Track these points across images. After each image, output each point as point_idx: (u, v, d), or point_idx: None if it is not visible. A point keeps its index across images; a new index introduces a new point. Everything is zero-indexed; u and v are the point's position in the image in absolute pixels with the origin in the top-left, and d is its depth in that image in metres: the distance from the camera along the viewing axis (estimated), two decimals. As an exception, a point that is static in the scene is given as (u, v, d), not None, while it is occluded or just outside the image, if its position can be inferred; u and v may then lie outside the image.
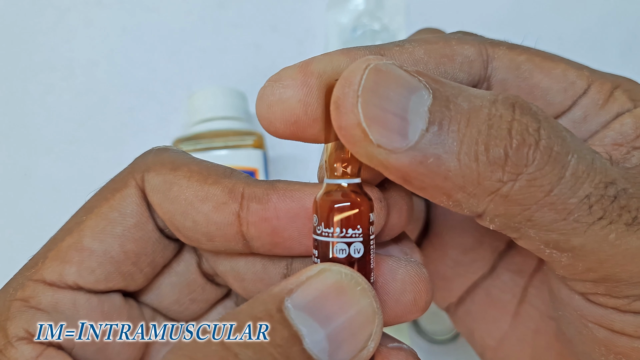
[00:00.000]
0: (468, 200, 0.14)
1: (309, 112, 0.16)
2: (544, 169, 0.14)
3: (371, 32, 0.44)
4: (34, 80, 0.44)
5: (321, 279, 0.15)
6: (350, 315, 0.15)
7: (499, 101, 0.14)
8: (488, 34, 0.19)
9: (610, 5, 0.45)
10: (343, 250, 0.16)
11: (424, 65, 0.17)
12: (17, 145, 0.43)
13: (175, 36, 0.45)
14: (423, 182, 0.14)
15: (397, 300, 0.17)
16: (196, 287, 0.20)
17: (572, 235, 0.14)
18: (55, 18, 0.45)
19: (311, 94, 0.16)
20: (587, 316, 0.17)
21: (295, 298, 0.14)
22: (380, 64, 0.14)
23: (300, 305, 0.14)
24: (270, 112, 0.16)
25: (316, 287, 0.15)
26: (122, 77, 0.44)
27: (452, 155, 0.14)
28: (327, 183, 0.16)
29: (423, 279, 0.17)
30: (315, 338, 0.14)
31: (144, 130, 0.43)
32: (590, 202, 0.14)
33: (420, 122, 0.14)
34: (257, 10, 0.45)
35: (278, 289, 0.15)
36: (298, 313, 0.14)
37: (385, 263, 0.17)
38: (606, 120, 0.17)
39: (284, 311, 0.14)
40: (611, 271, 0.15)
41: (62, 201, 0.42)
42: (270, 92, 0.16)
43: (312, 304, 0.14)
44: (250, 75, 0.44)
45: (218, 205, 0.17)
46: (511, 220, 0.15)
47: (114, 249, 0.17)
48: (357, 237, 0.16)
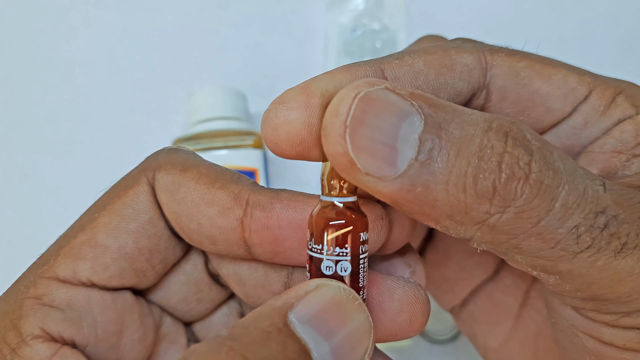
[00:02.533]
0: (455, 227, 0.15)
1: (314, 133, 0.16)
2: (532, 202, 0.14)
3: (371, 32, 0.44)
4: (34, 80, 0.44)
5: (320, 294, 0.15)
6: (350, 330, 0.15)
7: (492, 130, 0.14)
8: (488, 33, 0.19)
9: (610, 5, 0.45)
10: (329, 268, 0.16)
11: (424, 77, 0.17)
12: (17, 145, 0.43)
13: (175, 36, 0.45)
14: (411, 208, 0.14)
15: (393, 320, 0.17)
16: (203, 287, 0.20)
17: (559, 262, 0.14)
18: (55, 18, 0.45)
19: (314, 115, 0.16)
20: (578, 326, 0.17)
21: (297, 312, 0.14)
22: (371, 91, 0.14)
23: (304, 319, 0.14)
24: (275, 134, 0.16)
25: (317, 302, 0.15)
26: (122, 77, 0.44)
27: (440, 186, 0.14)
28: (322, 200, 0.16)
29: (420, 301, 0.17)
30: (322, 352, 0.14)
31: (144, 130, 0.43)
32: (578, 232, 0.14)
33: (410, 151, 0.14)
34: (257, 10, 0.45)
35: (280, 302, 0.15)
36: (303, 327, 0.14)
37: (384, 282, 0.17)
38: (607, 127, 0.17)
39: (290, 325, 0.14)
40: (599, 292, 0.15)
41: (62, 201, 0.42)
42: (274, 115, 0.16)
43: (315, 319, 0.14)
44: (250, 75, 0.44)
45: (223, 210, 0.17)
46: (498, 246, 0.15)
47: (128, 245, 0.18)
48: (344, 256, 0.16)
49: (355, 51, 0.44)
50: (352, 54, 0.44)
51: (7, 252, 0.41)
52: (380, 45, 0.44)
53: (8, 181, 0.42)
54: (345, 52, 0.44)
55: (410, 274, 0.19)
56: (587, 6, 0.45)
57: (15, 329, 0.16)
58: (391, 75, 0.17)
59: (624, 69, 0.44)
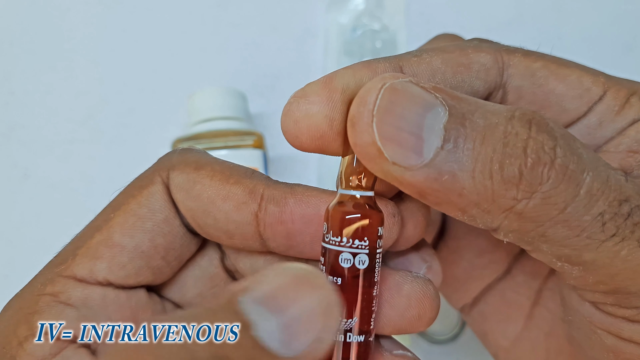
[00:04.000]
0: (482, 216, 0.15)
1: (334, 127, 0.16)
2: (558, 187, 0.14)
3: (371, 32, 0.44)
4: (34, 80, 0.44)
5: (279, 274, 0.14)
6: (306, 305, 0.14)
7: (515, 118, 0.14)
8: (488, 33, 0.19)
9: (610, 5, 0.45)
10: (348, 260, 0.16)
11: (441, 74, 0.17)
12: (17, 145, 0.43)
13: (175, 36, 0.45)
14: (438, 197, 0.14)
15: (402, 315, 0.17)
16: (219, 281, 0.20)
17: (584, 250, 0.15)
18: (55, 18, 0.45)
19: (336, 109, 0.16)
20: (596, 323, 0.17)
21: (251, 293, 0.14)
22: (396, 83, 0.14)
23: (255, 298, 0.13)
24: (296, 127, 0.16)
25: (273, 282, 0.14)
26: (122, 77, 0.44)
27: (466, 173, 0.14)
28: (340, 193, 0.17)
29: (429, 296, 0.17)
30: (267, 327, 0.13)
31: (144, 130, 0.43)
32: (603, 220, 0.14)
33: (436, 140, 0.14)
34: (257, 10, 0.45)
35: (238, 286, 0.14)
36: (252, 305, 0.13)
37: (392, 277, 0.18)
38: (622, 127, 0.17)
39: (238, 304, 0.13)
40: (622, 284, 0.15)
41: (62, 201, 0.42)
42: (296, 107, 0.16)
43: (267, 297, 0.14)
44: (250, 75, 0.44)
45: (238, 205, 0.17)
46: (525, 235, 0.15)
47: (145, 243, 0.18)
48: (363, 249, 0.16)
49: (355, 51, 0.44)
50: (352, 54, 0.44)
51: (7, 252, 0.41)
52: (380, 45, 0.44)
53: (8, 181, 0.42)
54: (345, 52, 0.44)
55: (426, 269, 0.19)
56: (588, 6, 0.45)
57: (28, 323, 0.16)
58: (409, 72, 0.17)
59: (624, 70, 0.44)
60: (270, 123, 0.43)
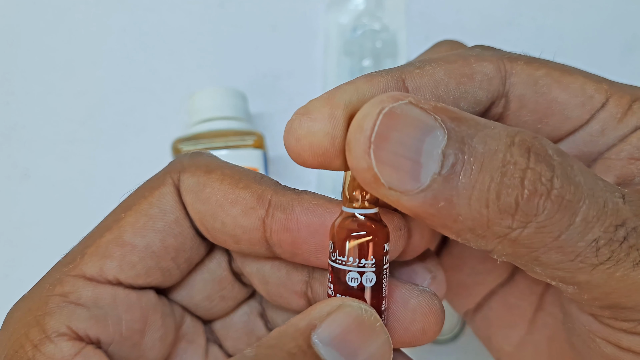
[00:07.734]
0: (477, 240, 0.15)
1: (336, 145, 0.16)
2: (554, 217, 0.14)
3: (371, 32, 0.44)
4: (34, 80, 0.44)
5: (343, 314, 0.15)
6: (371, 352, 0.15)
7: (515, 145, 0.14)
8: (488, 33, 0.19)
9: (610, 6, 0.45)
10: (355, 279, 0.16)
11: (444, 86, 0.17)
12: (17, 145, 0.43)
13: (175, 36, 0.45)
14: (433, 221, 0.15)
15: (406, 329, 0.17)
16: (227, 285, 0.20)
17: (578, 273, 0.15)
18: (55, 18, 0.45)
19: (337, 127, 0.16)
20: (595, 332, 0.17)
21: (320, 333, 0.15)
22: (395, 107, 0.14)
23: (327, 341, 0.15)
24: (298, 145, 0.16)
25: (339, 323, 0.15)
26: (122, 77, 0.44)
27: (463, 200, 0.14)
28: (343, 211, 0.16)
29: (434, 311, 0.17)
30: None
31: (144, 130, 0.43)
32: (598, 245, 0.14)
33: (433, 165, 0.14)
34: (257, 10, 0.45)
35: (304, 323, 0.15)
36: (326, 349, 0.15)
37: (399, 290, 0.18)
38: (624, 134, 0.17)
39: (314, 347, 0.15)
40: (617, 301, 0.15)
41: (62, 201, 0.42)
42: (298, 125, 0.16)
43: (337, 340, 0.15)
44: (250, 75, 0.44)
45: (246, 210, 0.17)
46: (518, 259, 0.15)
47: (155, 243, 0.18)
48: (369, 267, 0.16)
49: (355, 51, 0.44)
50: (352, 54, 0.44)
51: (7, 252, 0.41)
52: (381, 46, 0.44)
53: (8, 181, 0.42)
54: (345, 52, 0.44)
55: (431, 279, 0.19)
56: (588, 7, 0.45)
57: (39, 326, 0.16)
58: (412, 85, 0.17)
59: (624, 70, 0.44)
60: (270, 123, 0.43)
